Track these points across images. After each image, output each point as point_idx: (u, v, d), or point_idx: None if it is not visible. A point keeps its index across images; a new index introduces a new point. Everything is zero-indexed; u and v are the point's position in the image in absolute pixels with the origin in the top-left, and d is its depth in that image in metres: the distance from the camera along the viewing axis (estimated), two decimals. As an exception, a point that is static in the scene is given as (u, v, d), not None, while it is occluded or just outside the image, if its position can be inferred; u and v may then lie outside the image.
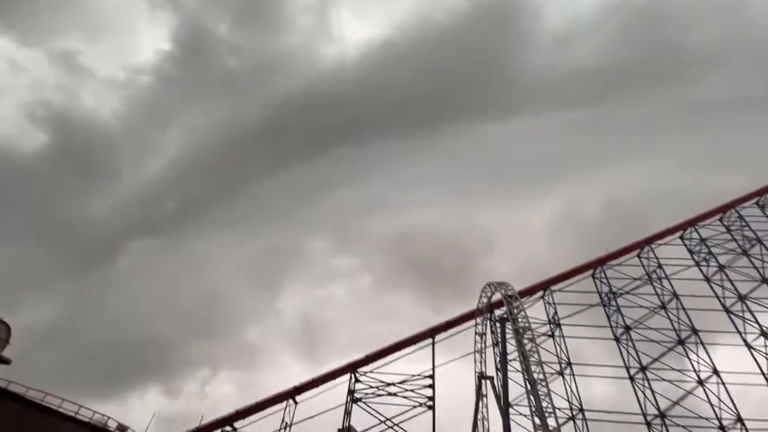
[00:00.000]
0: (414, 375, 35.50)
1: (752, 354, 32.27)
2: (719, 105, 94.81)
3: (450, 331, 38.14)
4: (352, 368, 36.91)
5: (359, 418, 34.83)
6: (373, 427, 33.05)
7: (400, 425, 32.56)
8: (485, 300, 36.66)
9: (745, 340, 33.04)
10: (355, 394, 35.27)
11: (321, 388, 35.62)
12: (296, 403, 34.69)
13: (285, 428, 32.92)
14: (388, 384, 35.45)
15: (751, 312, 34.32)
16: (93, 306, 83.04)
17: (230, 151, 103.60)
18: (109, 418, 22.30)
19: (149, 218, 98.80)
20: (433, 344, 37.37)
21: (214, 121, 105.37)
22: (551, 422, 23.22)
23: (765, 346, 32.28)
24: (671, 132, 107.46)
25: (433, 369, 35.35)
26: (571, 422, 29.72)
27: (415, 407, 33.36)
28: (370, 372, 36.56)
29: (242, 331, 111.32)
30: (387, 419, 33.07)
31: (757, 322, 33.66)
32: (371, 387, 35.70)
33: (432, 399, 33.73)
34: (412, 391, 34.83)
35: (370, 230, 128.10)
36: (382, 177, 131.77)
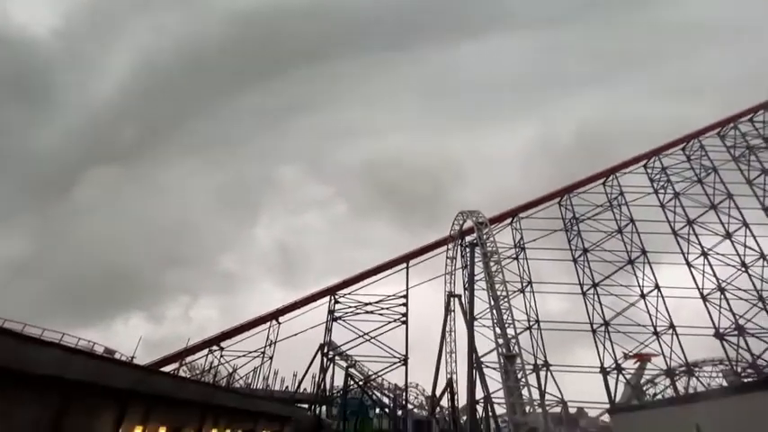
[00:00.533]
0: (389, 296, 38.13)
1: (691, 271, 36.05)
2: (694, 28, 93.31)
3: (424, 256, 40.32)
4: (331, 291, 39.09)
5: (339, 334, 37.96)
6: (352, 340, 36.30)
7: (377, 338, 35.82)
8: (456, 227, 38.31)
9: (686, 259, 36.63)
10: (335, 314, 37.89)
11: (302, 309, 37.99)
12: (279, 323, 37.18)
13: (270, 345, 35.73)
14: (366, 304, 38.10)
15: (696, 235, 37.64)
16: (61, 238, 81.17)
17: (186, 71, 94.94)
18: (95, 343, 22.79)
19: (105, 145, 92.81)
20: (407, 268, 39.62)
21: (166, 38, 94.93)
22: (510, 332, 26.01)
23: (703, 265, 36.07)
24: (645, 58, 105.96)
25: (407, 290, 37.96)
26: (528, 332, 33.39)
27: (390, 322, 36.43)
28: (349, 294, 38.95)
29: (219, 259, 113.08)
30: (364, 334, 36.19)
31: (700, 244, 37.10)
32: (350, 307, 38.30)
33: (405, 315, 36.74)
34: (387, 309, 37.69)
35: (342, 158, 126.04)
36: (351, 101, 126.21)
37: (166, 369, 31.60)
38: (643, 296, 34.83)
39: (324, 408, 36.56)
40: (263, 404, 16.93)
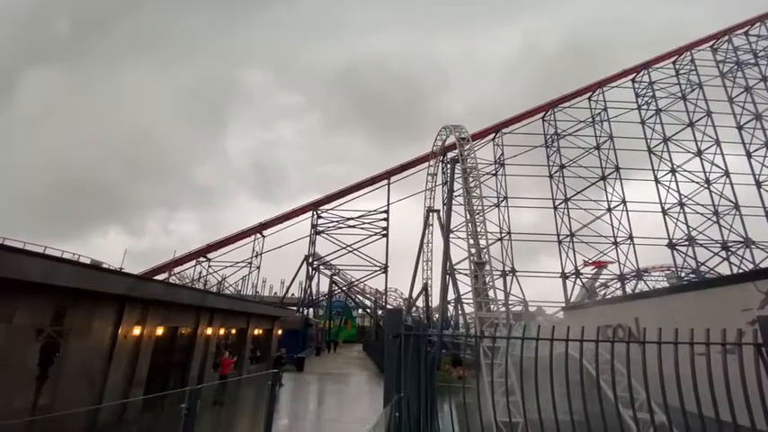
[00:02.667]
0: (371, 211, 39.30)
1: (657, 187, 37.90)
2: None
3: (405, 173, 40.66)
4: (314, 206, 39.84)
5: (322, 246, 39.81)
6: (335, 251, 38.35)
7: (359, 250, 37.87)
8: (439, 142, 38.04)
9: (655, 176, 38.24)
10: (318, 228, 39.21)
11: (286, 224, 39.05)
12: (263, 236, 38.44)
13: (256, 256, 37.40)
14: (348, 219, 39.34)
15: (668, 152, 38.71)
16: (9, 148, 76.28)
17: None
18: (80, 255, 23.11)
19: (41, 42, 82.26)
20: (389, 184, 40.17)
21: None
22: (483, 242, 27.79)
23: (670, 181, 37.86)
24: None
25: (388, 205, 39.08)
26: (499, 242, 35.78)
27: (371, 235, 38.21)
28: (331, 209, 39.86)
29: (193, 173, 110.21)
30: (347, 246, 38.10)
31: (671, 161, 38.41)
32: (332, 222, 39.54)
33: (386, 229, 38.41)
34: (369, 223, 39.16)
35: (315, 62, 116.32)
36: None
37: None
38: (609, 210, 37.01)
39: (311, 309, 40.08)
40: (254, 306, 18.46)
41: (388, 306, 36.35)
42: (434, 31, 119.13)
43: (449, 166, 37.09)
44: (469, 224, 28.63)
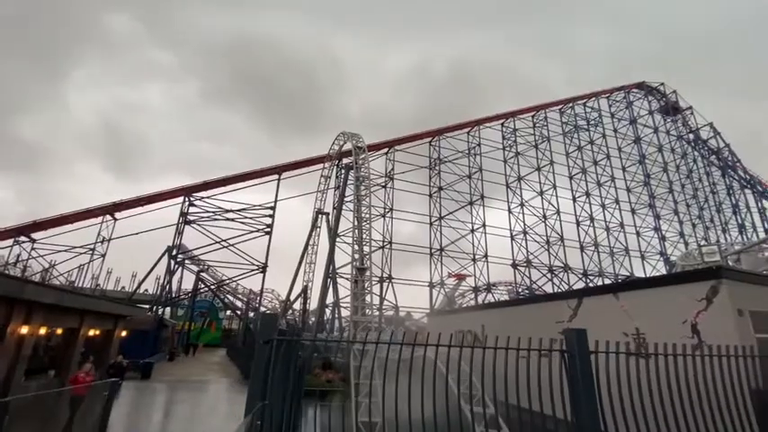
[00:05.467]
0: (255, 205, 36.93)
1: (509, 216, 45.33)
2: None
3: (297, 171, 39.63)
4: (186, 191, 35.52)
5: (191, 237, 35.62)
6: (207, 245, 34.67)
7: (236, 245, 35.05)
8: (336, 147, 38.27)
9: (509, 207, 45.67)
10: (189, 216, 35.03)
11: (147, 207, 33.77)
12: (115, 219, 32.41)
13: (102, 242, 31.26)
14: (227, 211, 36.18)
15: (521, 189, 46.80)
16: None
17: None
18: None
19: None
20: (279, 180, 38.53)
21: None
22: (366, 249, 28.88)
23: (519, 213, 45.69)
24: (530, 11, 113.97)
25: (275, 202, 37.36)
26: (380, 250, 37.60)
27: (252, 231, 35.85)
28: (207, 197, 36.12)
29: (11, 122, 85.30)
30: (222, 240, 34.91)
31: (521, 196, 46.47)
32: (207, 212, 35.85)
33: (270, 226, 36.57)
34: (251, 218, 36.71)
35: (201, 21, 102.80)
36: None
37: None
38: (472, 231, 42.57)
39: (168, 309, 35.32)
40: (91, 302, 15.32)
41: (263, 308, 34.53)
42: (339, 27, 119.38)
43: (343, 171, 37.62)
44: (356, 230, 29.46)
